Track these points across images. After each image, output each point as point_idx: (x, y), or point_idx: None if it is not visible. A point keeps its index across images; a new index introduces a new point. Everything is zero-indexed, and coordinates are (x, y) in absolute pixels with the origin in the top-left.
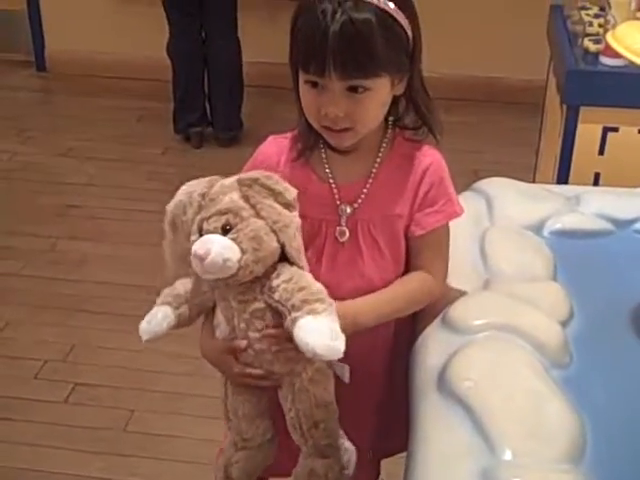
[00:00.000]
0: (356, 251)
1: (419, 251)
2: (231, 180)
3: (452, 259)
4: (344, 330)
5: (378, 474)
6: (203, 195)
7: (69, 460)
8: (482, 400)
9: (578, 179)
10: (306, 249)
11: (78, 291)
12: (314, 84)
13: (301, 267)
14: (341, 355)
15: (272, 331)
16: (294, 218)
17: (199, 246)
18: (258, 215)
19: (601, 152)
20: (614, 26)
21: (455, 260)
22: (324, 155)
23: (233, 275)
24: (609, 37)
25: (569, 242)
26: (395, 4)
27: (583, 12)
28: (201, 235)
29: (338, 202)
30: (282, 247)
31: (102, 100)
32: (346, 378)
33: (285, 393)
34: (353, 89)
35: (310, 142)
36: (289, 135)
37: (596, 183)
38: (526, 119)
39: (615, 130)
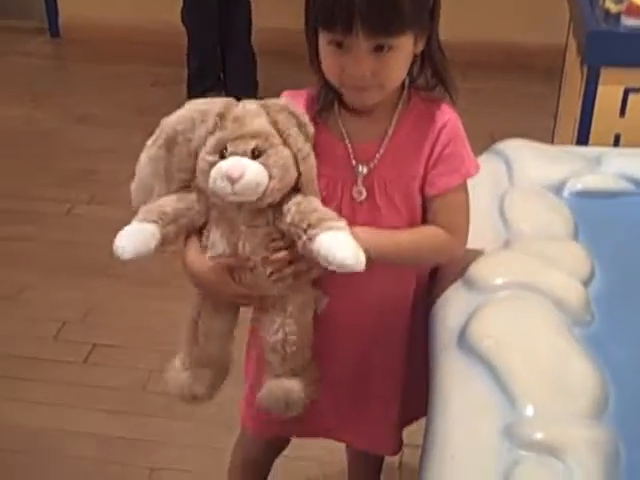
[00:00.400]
0: (374, 210)
1: (435, 211)
2: (255, 105)
3: (472, 221)
4: None
5: (401, 442)
6: (221, 115)
7: (88, 420)
8: (503, 357)
9: (598, 141)
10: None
11: (95, 255)
12: (338, 44)
13: (311, 193)
14: (363, 267)
15: (282, 254)
16: (312, 150)
17: (232, 168)
18: (285, 142)
19: (622, 113)
20: None
21: (475, 221)
22: (339, 115)
23: (254, 200)
24: None
25: (590, 202)
26: None
27: None
28: (222, 156)
29: (354, 162)
30: (298, 176)
31: (116, 66)
32: (320, 308)
33: (274, 317)
34: (379, 48)
35: (327, 103)
36: (303, 93)
37: (616, 144)
38: (543, 83)
39: (636, 91)
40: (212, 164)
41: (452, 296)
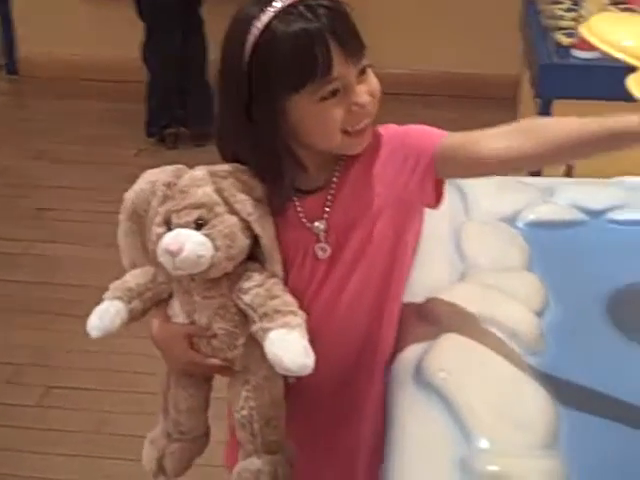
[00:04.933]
0: (342, 264)
1: (457, 149)
2: (202, 172)
3: (427, 253)
4: None
5: None
6: (168, 184)
7: (43, 463)
8: (457, 390)
9: (551, 172)
10: (288, 275)
11: (51, 294)
12: (334, 92)
13: (273, 262)
14: (310, 372)
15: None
16: (268, 212)
17: (171, 241)
18: (232, 210)
19: None
20: (587, 19)
21: (430, 254)
22: None
23: (203, 271)
24: (582, 29)
25: (543, 233)
26: None
27: (556, 6)
28: (169, 228)
29: (305, 220)
30: (255, 240)
31: (73, 102)
32: (291, 379)
33: (238, 390)
34: (362, 71)
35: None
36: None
37: (569, 175)
38: (502, 113)
39: None
40: (159, 236)
41: (408, 329)
